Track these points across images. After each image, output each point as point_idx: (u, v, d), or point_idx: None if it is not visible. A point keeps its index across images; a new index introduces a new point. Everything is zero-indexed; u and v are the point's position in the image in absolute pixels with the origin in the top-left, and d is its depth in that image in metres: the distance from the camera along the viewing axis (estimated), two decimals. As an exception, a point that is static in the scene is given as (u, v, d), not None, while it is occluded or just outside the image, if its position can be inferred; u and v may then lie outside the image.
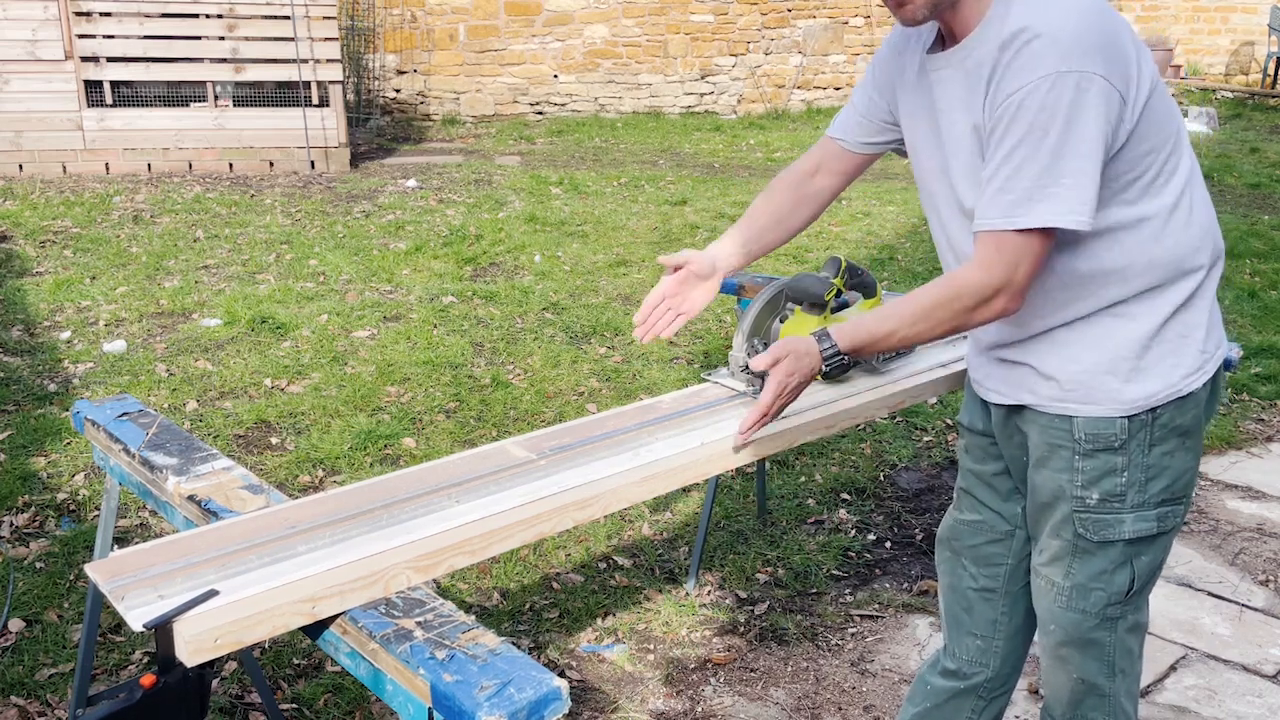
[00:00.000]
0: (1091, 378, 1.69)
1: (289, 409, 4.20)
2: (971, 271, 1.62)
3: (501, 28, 11.07)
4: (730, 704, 2.71)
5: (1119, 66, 1.53)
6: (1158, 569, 1.80)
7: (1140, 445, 1.70)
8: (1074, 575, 1.78)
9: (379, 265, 6.05)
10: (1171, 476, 1.73)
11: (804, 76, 12.31)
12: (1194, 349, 1.70)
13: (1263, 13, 13.36)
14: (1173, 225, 1.65)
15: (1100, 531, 1.74)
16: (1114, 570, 1.75)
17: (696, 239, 6.84)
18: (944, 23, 1.67)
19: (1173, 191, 1.65)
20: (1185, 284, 1.68)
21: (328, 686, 2.69)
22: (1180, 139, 1.67)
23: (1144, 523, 1.73)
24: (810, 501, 3.73)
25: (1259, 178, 8.96)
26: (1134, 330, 1.68)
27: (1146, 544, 1.75)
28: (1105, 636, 1.80)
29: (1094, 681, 1.83)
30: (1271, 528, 3.60)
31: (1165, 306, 1.68)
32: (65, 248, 6.20)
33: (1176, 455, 1.72)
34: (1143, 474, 1.71)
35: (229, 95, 8.62)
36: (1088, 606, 1.78)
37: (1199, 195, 1.71)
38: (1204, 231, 1.70)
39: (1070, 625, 1.80)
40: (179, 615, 1.41)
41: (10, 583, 3.02)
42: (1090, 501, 1.73)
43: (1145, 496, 1.72)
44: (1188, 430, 1.73)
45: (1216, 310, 1.77)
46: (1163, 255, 1.66)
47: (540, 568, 3.26)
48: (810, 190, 2.05)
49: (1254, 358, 5.02)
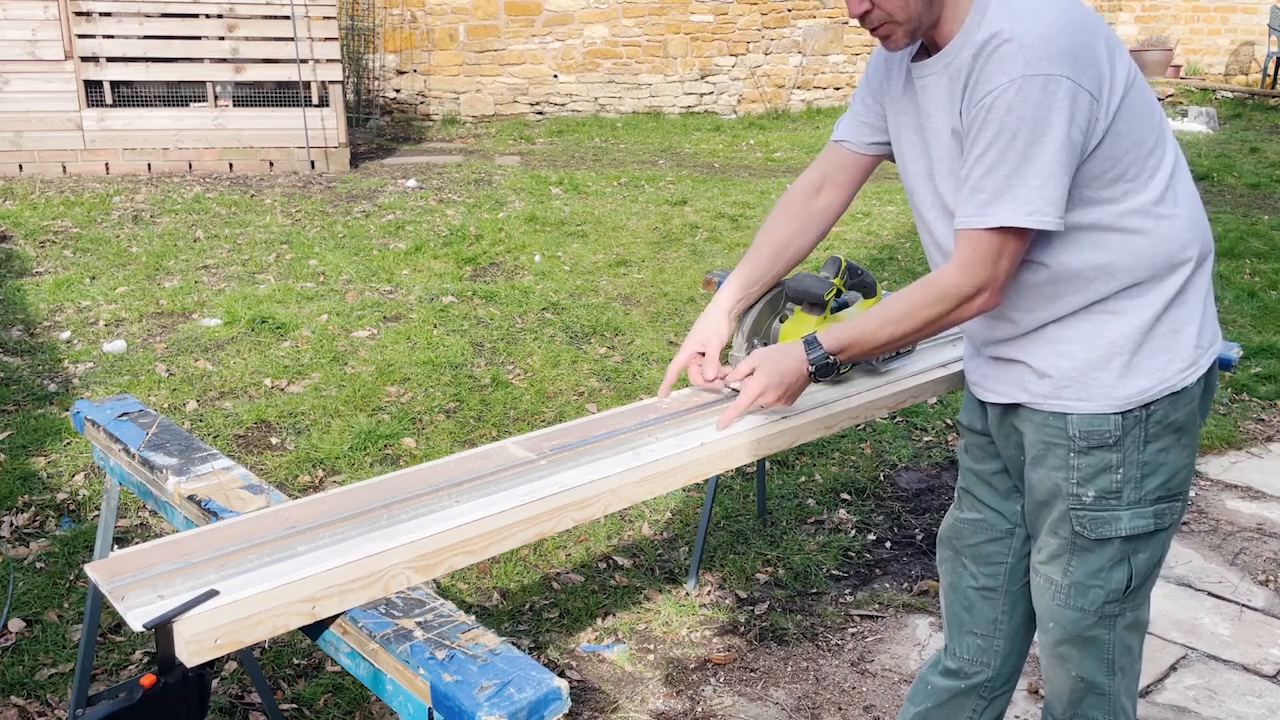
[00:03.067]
0: (1084, 373, 1.70)
1: (289, 409, 4.20)
2: (951, 271, 1.67)
3: (501, 28, 11.07)
4: (730, 704, 2.71)
5: (1089, 68, 1.55)
6: (1156, 566, 1.80)
7: (1135, 442, 1.71)
8: (1072, 573, 1.78)
9: (379, 265, 6.06)
10: (1168, 473, 1.73)
11: (804, 76, 12.31)
12: (1187, 344, 1.71)
13: (1263, 13, 13.36)
14: (1159, 220, 1.67)
15: (1097, 529, 1.74)
16: (1112, 567, 1.76)
17: (696, 239, 6.84)
18: (925, 35, 1.71)
19: (1157, 186, 1.67)
20: (1174, 278, 1.70)
21: (328, 686, 2.69)
22: (1163, 133, 1.68)
23: (1141, 519, 1.73)
24: (810, 501, 3.73)
25: (1259, 178, 8.96)
26: (1126, 326, 1.69)
27: (1144, 541, 1.76)
28: (1104, 634, 1.80)
29: (1093, 680, 1.83)
30: (1271, 528, 3.60)
31: (1156, 302, 1.69)
32: (65, 248, 6.20)
33: (1172, 451, 1.73)
34: (1138, 470, 1.72)
35: (229, 95, 8.62)
36: (1086, 604, 1.78)
37: (1184, 189, 1.72)
38: (1191, 225, 1.71)
39: (1069, 623, 1.81)
40: (179, 615, 1.41)
41: (10, 583, 3.02)
42: (1086, 499, 1.73)
43: (1142, 493, 1.72)
44: (1182, 426, 1.73)
45: (1211, 306, 1.78)
46: (1149, 250, 1.67)
47: (540, 568, 3.26)
48: (815, 209, 2.06)
49: (1254, 358, 5.02)
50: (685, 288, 5.83)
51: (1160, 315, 1.70)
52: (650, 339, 5.07)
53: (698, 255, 6.49)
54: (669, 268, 6.22)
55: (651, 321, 5.33)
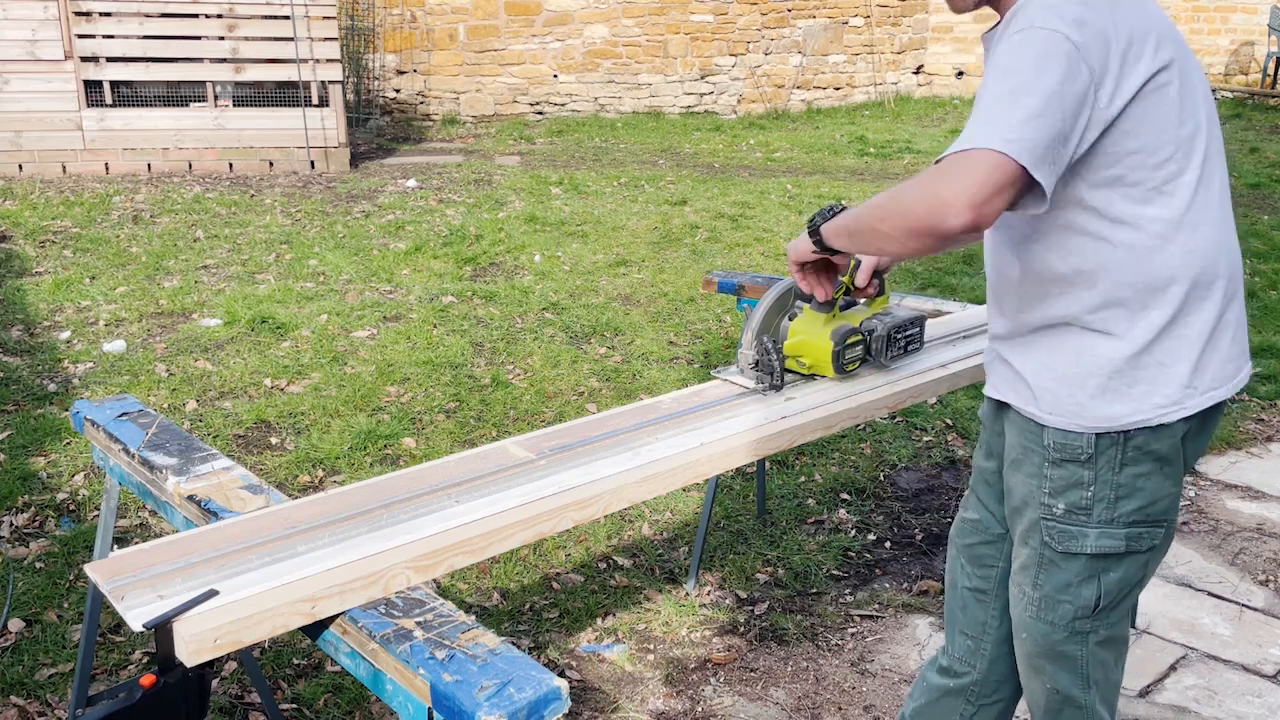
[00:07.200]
0: (1059, 387, 1.69)
1: (289, 409, 4.20)
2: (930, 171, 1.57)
3: (501, 28, 11.07)
4: (730, 704, 2.71)
5: (1096, 47, 1.53)
6: (1133, 587, 1.77)
7: (1110, 463, 1.68)
8: (1041, 586, 1.77)
9: (379, 265, 6.05)
10: (1146, 499, 1.70)
11: (804, 76, 12.30)
12: (1174, 381, 1.66)
13: (1263, 13, 13.36)
14: (1153, 238, 1.61)
15: (1064, 542, 1.73)
16: (1079, 584, 1.74)
17: (696, 239, 6.84)
18: (993, 5, 1.72)
19: (1166, 205, 1.61)
20: (1161, 307, 1.64)
21: (328, 686, 2.69)
22: (1188, 155, 1.62)
23: (1110, 540, 1.71)
24: (810, 501, 3.73)
25: (1259, 178, 8.96)
26: (1110, 349, 1.65)
27: (1114, 561, 1.73)
28: (1076, 650, 1.78)
29: (1069, 693, 1.82)
30: (1271, 528, 3.60)
31: (1144, 328, 1.64)
32: (65, 248, 6.20)
33: (1153, 479, 1.69)
34: (1112, 491, 1.69)
35: (229, 95, 8.62)
36: (1055, 619, 1.77)
37: (1204, 216, 1.65)
38: (1190, 254, 1.64)
39: (1040, 636, 1.80)
40: (179, 615, 1.41)
41: (10, 583, 3.02)
42: (1057, 510, 1.72)
43: (1114, 514, 1.69)
44: (1165, 456, 1.69)
45: (1222, 348, 1.70)
46: (1132, 266, 1.62)
47: (540, 568, 3.26)
48: None
49: (1254, 358, 5.02)
50: (685, 288, 5.83)
51: (1151, 345, 1.65)
52: (650, 339, 5.07)
53: (698, 255, 6.49)
54: (669, 268, 6.22)
55: (651, 321, 5.33)
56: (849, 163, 9.53)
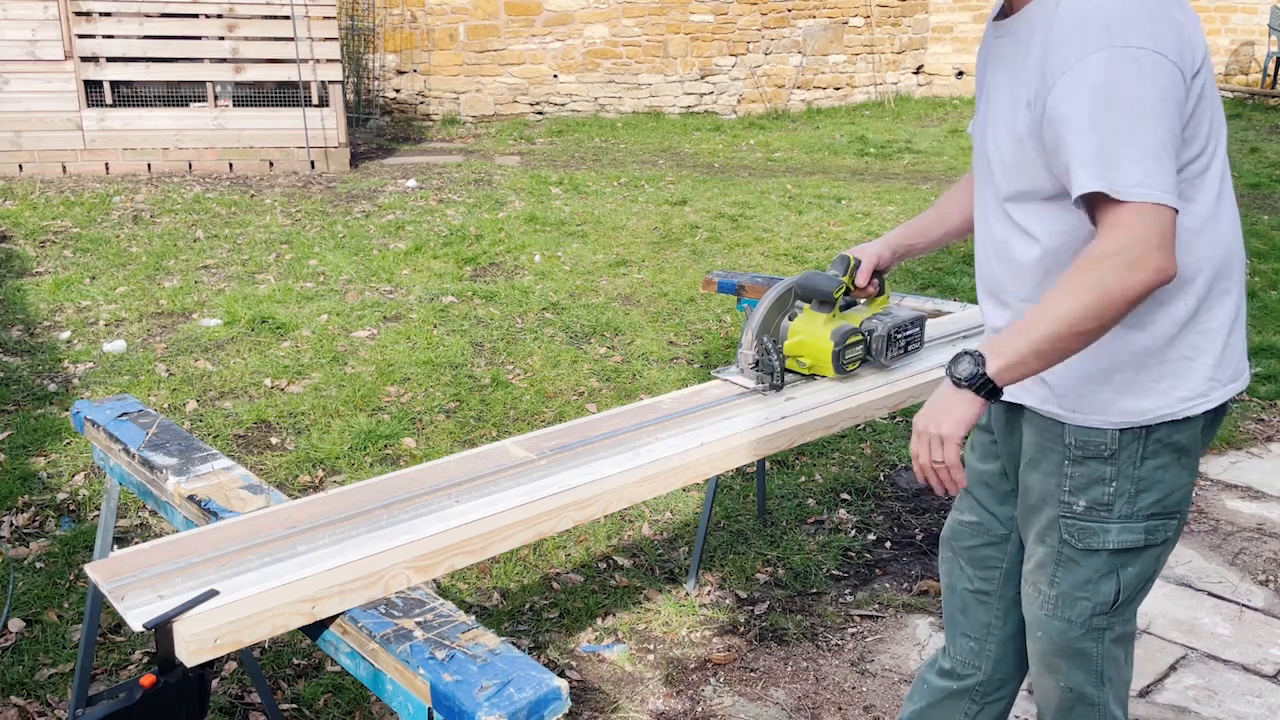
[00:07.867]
0: (1082, 385, 1.67)
1: (289, 409, 4.20)
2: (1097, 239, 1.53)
3: (501, 28, 11.07)
4: (730, 704, 2.71)
5: (1184, 56, 1.51)
6: (1147, 581, 1.77)
7: (1132, 457, 1.67)
8: (1059, 583, 1.77)
9: (379, 265, 6.06)
10: (1164, 490, 1.70)
11: (804, 76, 12.30)
12: (1200, 374, 1.65)
13: (1263, 13, 13.35)
14: (1189, 235, 1.59)
15: (1085, 539, 1.72)
16: (1099, 580, 1.74)
17: (696, 239, 6.84)
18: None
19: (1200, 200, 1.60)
20: (1188, 299, 1.63)
21: (328, 686, 2.69)
22: (1215, 149, 1.61)
23: (1130, 534, 1.71)
24: (810, 501, 3.73)
25: (1259, 178, 8.95)
26: (1136, 342, 1.64)
27: (1133, 555, 1.73)
28: (1092, 647, 1.78)
29: (1082, 690, 1.82)
30: (1271, 528, 3.60)
31: (1170, 321, 1.63)
32: (65, 248, 6.20)
33: (1171, 470, 1.69)
34: (1133, 485, 1.68)
35: (229, 95, 8.62)
36: (1073, 616, 1.77)
37: (1227, 209, 1.65)
38: (1223, 250, 1.64)
39: (1056, 634, 1.79)
40: (179, 615, 1.41)
41: (10, 583, 3.02)
42: (1077, 508, 1.71)
43: (1134, 508, 1.69)
44: (1184, 448, 1.69)
45: (1239, 342, 1.71)
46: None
47: (540, 568, 3.26)
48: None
49: (1254, 358, 5.02)
50: (685, 287, 5.83)
51: (1176, 338, 1.64)
52: (650, 339, 5.07)
53: (698, 255, 6.49)
54: (669, 268, 6.22)
55: (651, 321, 5.33)
56: (849, 163, 9.53)
